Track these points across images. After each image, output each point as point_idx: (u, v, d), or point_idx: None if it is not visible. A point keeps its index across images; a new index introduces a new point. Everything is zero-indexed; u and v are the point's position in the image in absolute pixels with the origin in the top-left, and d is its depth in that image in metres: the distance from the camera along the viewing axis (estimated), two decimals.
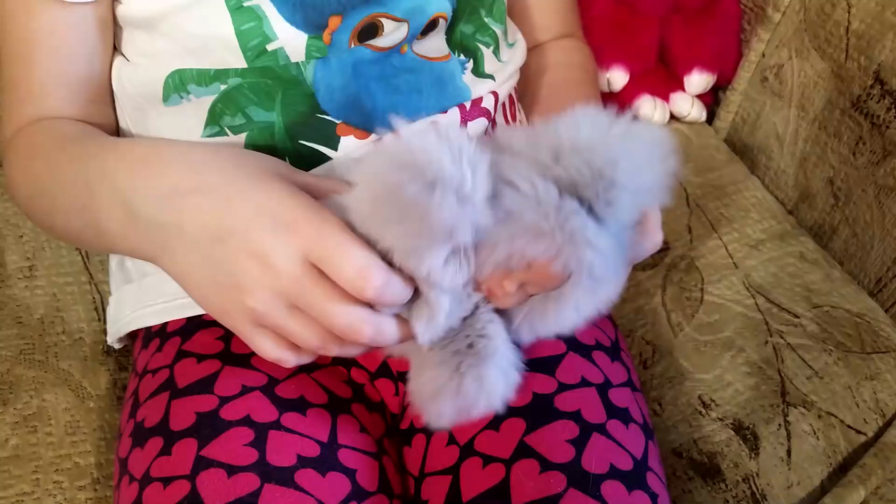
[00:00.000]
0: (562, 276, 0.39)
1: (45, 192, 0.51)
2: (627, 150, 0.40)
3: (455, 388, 0.41)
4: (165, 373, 0.52)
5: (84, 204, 0.47)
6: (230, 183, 0.42)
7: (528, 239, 0.39)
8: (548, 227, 0.38)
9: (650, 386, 0.66)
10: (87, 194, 0.47)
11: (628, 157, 0.40)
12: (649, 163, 0.41)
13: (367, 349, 0.43)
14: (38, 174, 0.51)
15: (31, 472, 0.56)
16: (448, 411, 0.42)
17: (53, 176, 0.50)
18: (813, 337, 0.69)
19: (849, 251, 0.77)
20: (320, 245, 0.39)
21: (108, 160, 0.46)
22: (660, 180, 0.42)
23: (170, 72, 0.51)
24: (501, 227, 0.39)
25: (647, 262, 0.74)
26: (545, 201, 0.38)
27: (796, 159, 0.81)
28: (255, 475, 0.46)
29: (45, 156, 0.51)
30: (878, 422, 0.65)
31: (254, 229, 0.40)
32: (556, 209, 0.38)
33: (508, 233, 0.39)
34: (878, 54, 0.72)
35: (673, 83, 0.86)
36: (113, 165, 0.46)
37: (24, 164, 0.53)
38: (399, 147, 0.38)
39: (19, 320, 0.64)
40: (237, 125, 0.52)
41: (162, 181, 0.43)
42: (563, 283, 0.40)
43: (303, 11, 0.49)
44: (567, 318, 0.42)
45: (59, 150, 0.51)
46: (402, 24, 0.51)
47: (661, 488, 0.50)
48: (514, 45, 0.61)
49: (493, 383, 0.42)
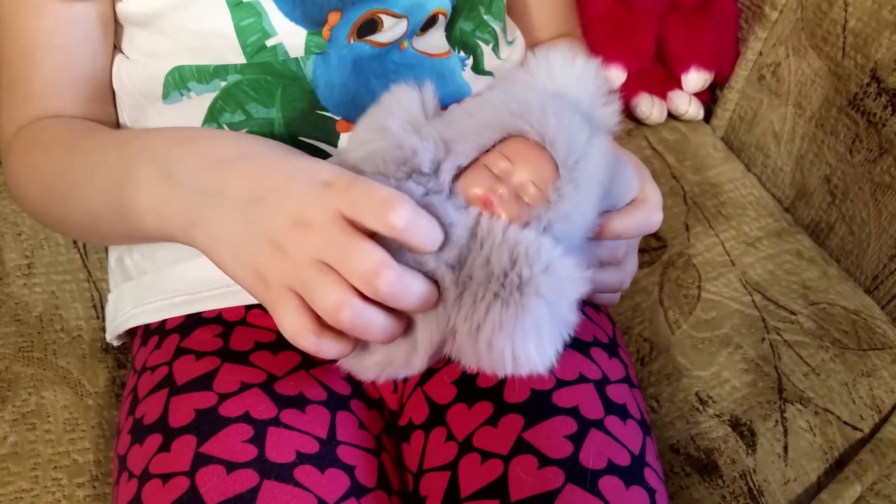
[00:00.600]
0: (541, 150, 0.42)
1: (63, 180, 0.51)
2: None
3: (511, 317, 0.40)
4: (164, 370, 0.52)
5: (115, 182, 0.47)
6: (271, 151, 0.44)
7: (492, 130, 0.43)
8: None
9: (648, 383, 0.66)
10: (120, 173, 0.47)
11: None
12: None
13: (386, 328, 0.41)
14: (55, 164, 0.51)
15: (30, 470, 0.56)
16: (510, 347, 0.40)
17: (75, 163, 0.50)
18: (810, 334, 0.69)
19: (845, 248, 0.77)
20: (351, 195, 0.40)
21: (151, 139, 0.47)
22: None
23: (169, 69, 0.51)
24: (465, 122, 0.44)
25: (644, 259, 0.74)
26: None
27: (793, 157, 0.81)
28: (255, 471, 0.46)
29: (65, 146, 0.51)
30: (874, 418, 0.65)
31: (292, 186, 0.41)
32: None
33: (472, 127, 0.43)
34: (874, 52, 0.72)
35: (671, 81, 0.86)
36: (158, 143, 0.47)
37: (33, 159, 0.53)
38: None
39: (18, 318, 0.64)
40: (237, 122, 0.52)
41: (209, 152, 0.44)
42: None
43: (302, 7, 0.50)
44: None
45: (83, 138, 0.51)
46: (401, 19, 0.52)
47: (658, 484, 0.50)
48: (514, 42, 0.61)
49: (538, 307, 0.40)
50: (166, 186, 0.44)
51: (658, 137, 0.86)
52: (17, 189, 0.55)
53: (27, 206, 0.56)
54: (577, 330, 0.55)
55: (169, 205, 0.45)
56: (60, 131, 0.52)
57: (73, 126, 0.53)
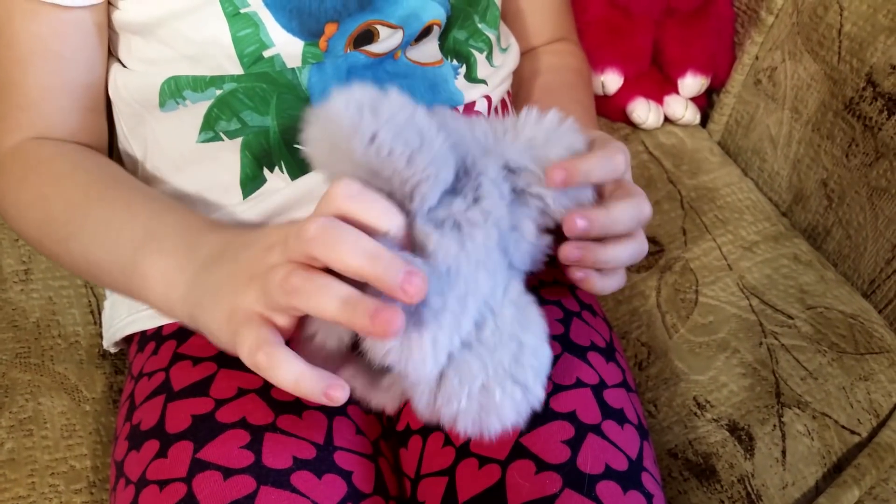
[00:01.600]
0: None
1: (71, 223, 0.50)
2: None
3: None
4: (161, 376, 0.52)
5: (133, 249, 0.48)
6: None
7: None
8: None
9: (645, 387, 0.66)
10: (134, 252, 0.48)
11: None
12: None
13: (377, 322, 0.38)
14: (65, 203, 0.51)
15: (27, 476, 0.56)
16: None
17: (92, 211, 0.50)
18: (807, 338, 0.69)
19: (842, 252, 0.78)
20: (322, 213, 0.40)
21: (170, 229, 0.48)
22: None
23: (166, 78, 0.51)
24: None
25: (641, 264, 0.74)
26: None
27: (790, 161, 0.82)
28: (251, 477, 0.46)
29: (79, 186, 0.51)
30: (871, 422, 0.65)
31: (274, 229, 0.43)
32: None
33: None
34: (870, 56, 0.72)
35: (667, 86, 0.87)
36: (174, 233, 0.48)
37: (39, 189, 0.52)
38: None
39: (15, 324, 0.64)
40: (232, 130, 0.52)
41: (222, 272, 0.44)
42: None
43: (299, 19, 0.50)
44: None
45: (105, 186, 0.51)
46: (397, 30, 0.52)
47: (656, 488, 0.50)
48: (508, 49, 0.61)
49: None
50: (181, 288, 0.45)
51: (655, 142, 0.86)
52: (10, 208, 0.54)
53: (21, 229, 0.55)
54: (575, 334, 0.55)
55: (177, 302, 0.46)
56: (72, 167, 0.52)
57: (85, 164, 0.52)
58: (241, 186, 0.54)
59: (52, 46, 0.52)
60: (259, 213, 0.54)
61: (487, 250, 0.42)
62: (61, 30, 0.51)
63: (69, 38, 0.52)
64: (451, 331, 0.40)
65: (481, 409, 0.40)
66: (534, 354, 0.41)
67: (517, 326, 0.41)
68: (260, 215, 0.54)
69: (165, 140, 0.55)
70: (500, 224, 0.43)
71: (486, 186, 0.43)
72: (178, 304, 0.45)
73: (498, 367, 0.40)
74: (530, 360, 0.41)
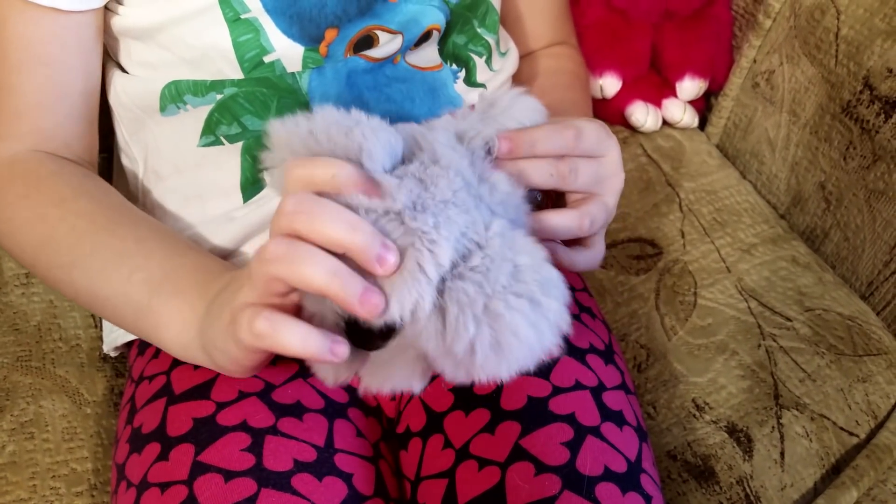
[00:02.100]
0: None
1: (75, 250, 0.50)
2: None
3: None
4: (162, 379, 0.52)
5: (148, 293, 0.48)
6: None
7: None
8: None
9: (644, 389, 0.66)
10: (151, 325, 0.48)
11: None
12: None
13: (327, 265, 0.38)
14: (70, 228, 0.50)
15: (28, 479, 0.56)
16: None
17: (102, 242, 0.49)
18: (805, 340, 0.69)
19: (840, 255, 0.78)
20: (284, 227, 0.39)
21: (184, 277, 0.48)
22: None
23: (166, 83, 0.52)
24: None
25: (640, 266, 0.75)
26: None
27: (788, 164, 0.82)
28: (252, 480, 0.46)
29: (85, 214, 0.50)
30: (870, 423, 0.65)
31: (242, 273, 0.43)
32: None
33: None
34: (867, 60, 0.72)
35: (665, 89, 0.87)
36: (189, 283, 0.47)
37: (42, 210, 0.51)
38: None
39: (16, 327, 0.64)
40: (233, 134, 0.52)
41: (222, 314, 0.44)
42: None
43: (299, 24, 0.50)
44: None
45: (117, 216, 0.50)
46: (396, 35, 0.52)
47: (655, 490, 0.50)
48: (507, 54, 0.61)
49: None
50: (197, 344, 0.46)
51: (653, 145, 0.86)
52: (2, 224, 0.52)
53: (12, 246, 0.53)
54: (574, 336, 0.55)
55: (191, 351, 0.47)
56: (74, 191, 0.51)
57: (88, 188, 0.51)
58: (242, 190, 0.54)
59: (50, 52, 0.51)
60: (259, 217, 0.54)
61: (454, 192, 0.40)
62: (59, 35, 0.51)
63: (66, 44, 0.51)
64: (425, 260, 0.38)
65: (494, 334, 0.38)
66: (535, 270, 0.39)
67: (508, 251, 0.39)
68: (260, 219, 0.54)
69: (166, 144, 0.55)
70: (464, 174, 0.42)
71: (440, 150, 0.42)
72: (192, 342, 0.46)
73: (496, 286, 0.38)
74: (532, 276, 0.39)
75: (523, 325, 0.38)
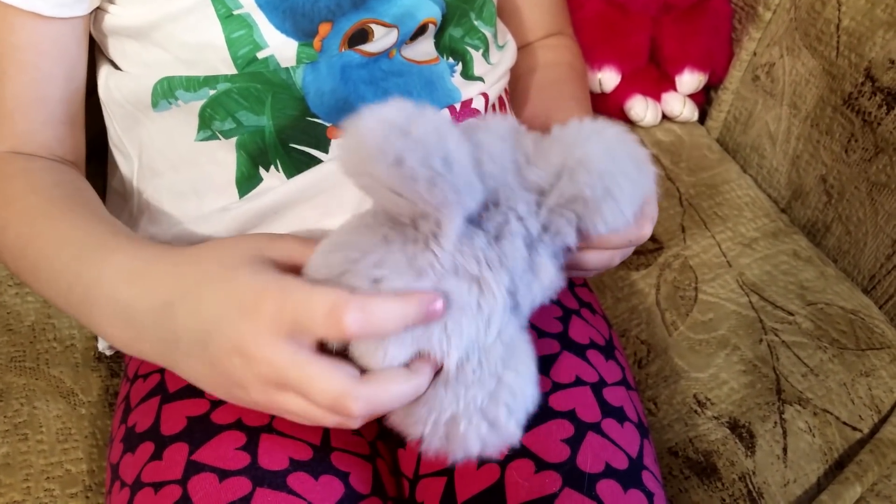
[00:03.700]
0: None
1: (27, 257, 0.49)
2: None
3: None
4: (156, 377, 0.52)
5: (81, 299, 0.46)
6: (203, 283, 0.42)
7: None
8: None
9: (645, 385, 0.66)
10: (81, 295, 0.46)
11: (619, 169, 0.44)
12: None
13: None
14: (17, 237, 0.49)
15: (22, 481, 0.55)
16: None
17: (42, 252, 0.48)
18: (807, 334, 0.69)
19: (842, 248, 0.77)
20: (284, 311, 0.38)
21: (103, 273, 0.45)
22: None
23: (159, 79, 0.51)
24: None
25: (641, 261, 0.74)
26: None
27: (789, 157, 0.81)
28: (247, 479, 0.45)
29: (35, 217, 0.49)
30: (873, 418, 0.65)
31: (224, 324, 0.40)
32: None
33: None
34: (868, 51, 0.72)
35: (665, 83, 0.86)
36: (108, 279, 0.45)
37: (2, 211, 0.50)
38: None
39: (10, 327, 0.64)
40: (227, 129, 0.52)
41: (156, 293, 0.43)
42: None
43: (293, 19, 0.49)
44: None
45: (52, 219, 0.49)
46: (391, 29, 0.51)
47: (656, 487, 0.49)
48: (504, 46, 0.61)
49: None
50: (131, 331, 0.44)
51: (653, 139, 0.85)
52: None
53: None
54: (574, 332, 0.55)
55: (140, 346, 0.45)
56: (29, 192, 0.50)
57: (47, 191, 0.50)
58: (237, 185, 0.54)
59: (30, 58, 0.51)
60: (255, 211, 0.53)
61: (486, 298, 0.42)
62: (40, 42, 0.50)
63: (48, 50, 0.51)
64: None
65: (446, 437, 0.41)
66: (511, 393, 0.41)
67: (501, 365, 0.41)
68: (256, 214, 0.53)
69: (160, 140, 0.55)
70: (515, 268, 0.42)
71: (512, 224, 0.42)
72: (154, 361, 0.45)
73: (470, 403, 0.40)
74: (506, 398, 0.41)
75: (474, 441, 0.41)
